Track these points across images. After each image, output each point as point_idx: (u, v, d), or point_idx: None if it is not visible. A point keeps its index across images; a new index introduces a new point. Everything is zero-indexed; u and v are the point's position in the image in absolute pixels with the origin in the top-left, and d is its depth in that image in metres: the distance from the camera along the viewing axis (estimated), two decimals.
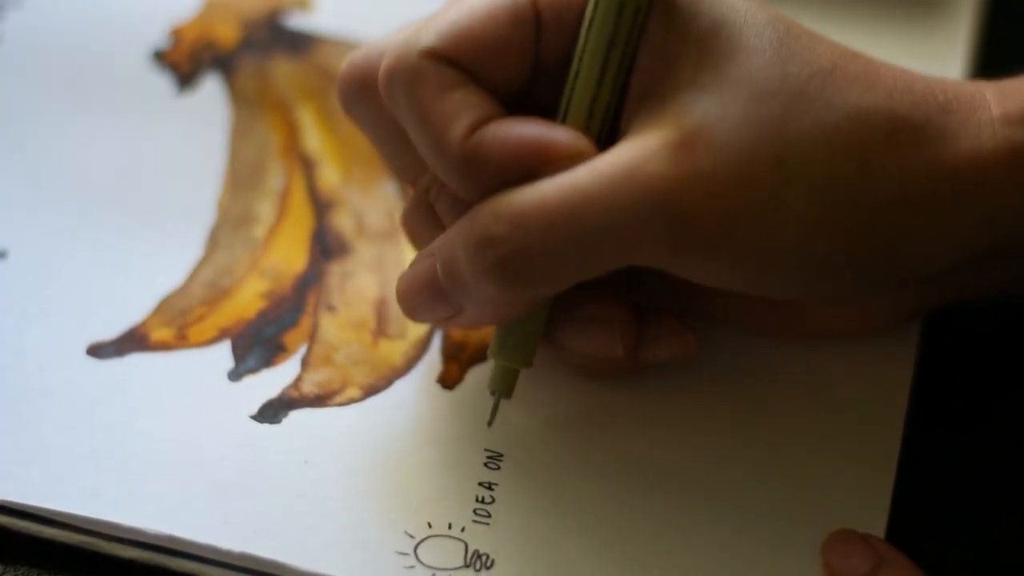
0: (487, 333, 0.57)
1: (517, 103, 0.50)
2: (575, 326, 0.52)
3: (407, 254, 0.60)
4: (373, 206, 0.62)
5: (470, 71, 0.49)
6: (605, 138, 0.50)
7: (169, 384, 0.55)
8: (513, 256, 0.47)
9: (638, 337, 0.52)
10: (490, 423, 0.53)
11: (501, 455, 0.53)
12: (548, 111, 0.50)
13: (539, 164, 0.48)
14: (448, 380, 0.56)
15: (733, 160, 0.46)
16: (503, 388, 0.52)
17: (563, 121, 0.50)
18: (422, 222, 0.53)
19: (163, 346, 0.56)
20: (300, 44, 0.67)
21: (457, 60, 0.49)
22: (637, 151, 0.47)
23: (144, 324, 0.57)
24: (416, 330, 0.57)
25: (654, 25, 0.49)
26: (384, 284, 0.59)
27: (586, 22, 0.49)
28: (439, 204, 0.52)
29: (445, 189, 0.51)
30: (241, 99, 0.65)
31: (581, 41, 0.49)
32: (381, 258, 0.60)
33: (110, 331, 0.57)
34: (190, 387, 0.55)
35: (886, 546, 0.51)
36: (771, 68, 0.48)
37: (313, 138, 0.64)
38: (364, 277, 0.59)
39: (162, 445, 0.53)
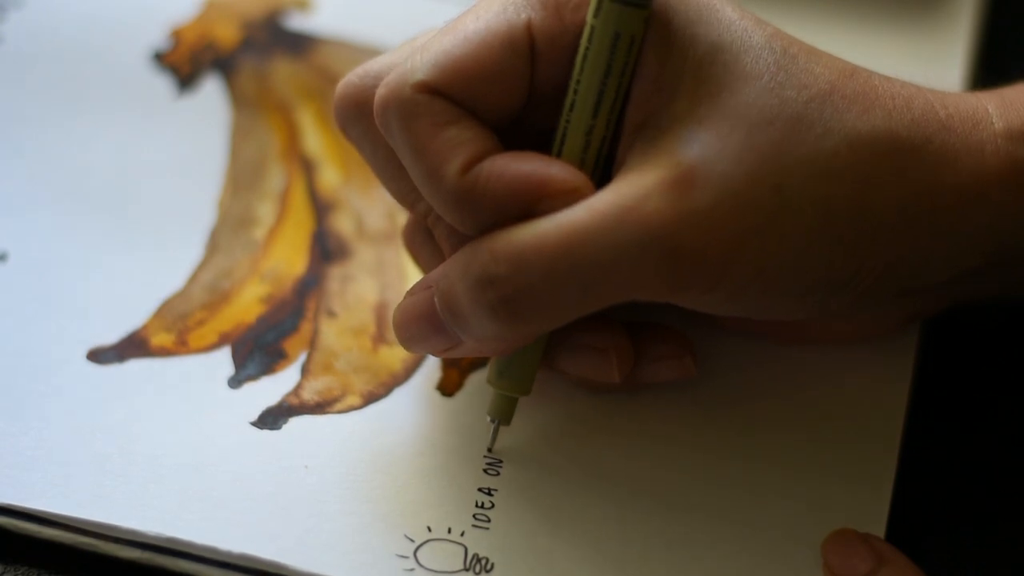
0: None
1: (512, 129, 0.50)
2: (572, 354, 0.52)
3: (407, 257, 0.59)
4: (373, 207, 0.62)
5: (465, 102, 0.48)
6: (601, 168, 0.49)
7: (169, 390, 0.55)
8: (514, 296, 0.47)
9: (637, 358, 0.52)
10: (490, 448, 0.53)
11: (500, 461, 0.53)
12: (544, 136, 0.50)
13: (535, 200, 0.47)
14: (447, 387, 0.56)
15: (731, 194, 0.46)
16: (502, 415, 0.52)
17: (558, 152, 0.49)
18: (421, 244, 0.53)
19: (163, 351, 0.56)
20: (300, 45, 0.67)
21: (451, 92, 0.48)
22: (634, 189, 0.47)
23: (144, 328, 0.57)
24: None
25: (650, 53, 0.48)
26: (384, 288, 0.59)
27: (581, 51, 0.49)
28: (437, 230, 0.51)
29: (443, 219, 0.50)
30: (241, 100, 0.65)
31: (576, 70, 0.49)
32: (381, 261, 0.60)
33: (110, 334, 0.56)
34: (190, 393, 0.55)
35: (886, 546, 0.51)
36: (768, 95, 0.47)
37: (313, 139, 0.64)
38: (364, 281, 0.59)
39: (163, 451, 0.53)
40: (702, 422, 0.54)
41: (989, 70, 0.67)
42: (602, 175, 0.49)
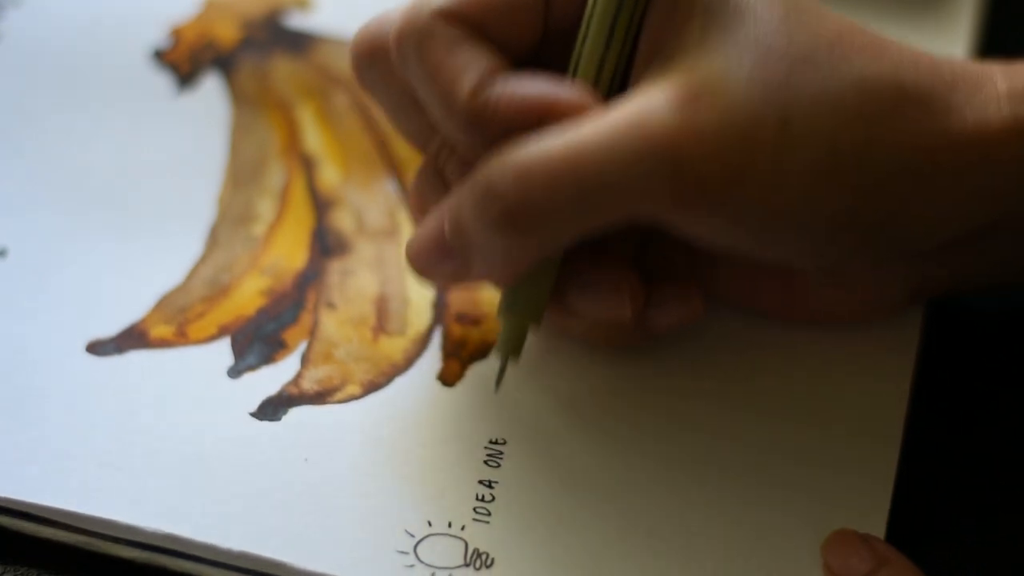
0: (488, 331, 0.56)
1: (527, 66, 0.50)
2: (584, 289, 0.51)
3: None
4: (373, 205, 0.61)
5: (481, 30, 0.49)
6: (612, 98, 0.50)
7: (169, 381, 0.55)
8: (517, 208, 0.47)
9: (645, 301, 0.52)
10: (497, 387, 0.53)
11: (502, 453, 0.53)
12: (558, 75, 0.50)
13: (546, 118, 0.48)
14: (448, 377, 0.55)
15: (738, 119, 0.46)
16: (512, 347, 0.52)
17: (571, 79, 0.50)
18: (430, 188, 0.53)
19: (163, 343, 0.56)
20: (300, 44, 0.67)
21: (468, 19, 0.49)
22: (641, 105, 0.47)
23: (144, 321, 0.56)
24: (416, 327, 0.57)
25: None
26: (384, 282, 0.58)
27: None
28: (448, 167, 0.52)
29: (454, 153, 0.51)
30: (241, 98, 0.65)
31: (590, 4, 0.50)
32: (381, 256, 0.59)
33: (110, 328, 0.56)
34: (190, 384, 0.55)
35: (886, 546, 0.50)
36: (778, 34, 0.48)
37: (313, 137, 0.64)
38: (364, 275, 0.59)
39: (162, 442, 0.53)
40: (702, 419, 0.54)
41: None
42: None
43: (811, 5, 0.49)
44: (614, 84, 0.50)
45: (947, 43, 0.68)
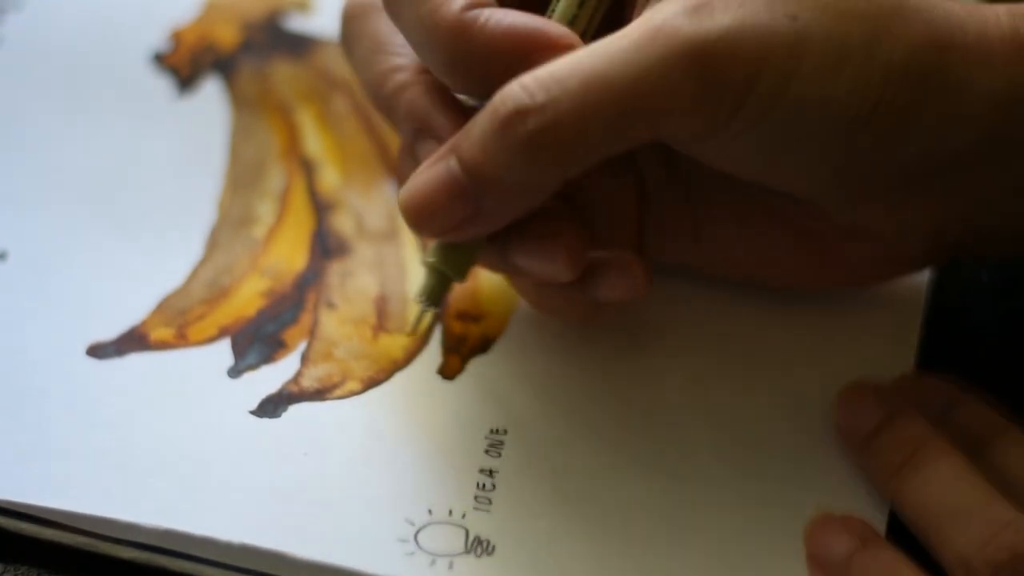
0: (488, 327, 0.56)
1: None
2: (522, 243, 0.51)
3: (408, 254, 0.59)
4: (373, 207, 0.61)
5: None
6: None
7: (169, 382, 0.54)
8: (549, 125, 0.46)
9: (589, 272, 0.52)
10: (412, 331, 0.52)
11: (502, 442, 0.53)
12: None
13: (531, 51, 0.48)
14: (449, 371, 0.55)
15: (750, 16, 0.47)
16: (432, 299, 0.51)
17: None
18: (412, 166, 0.52)
19: (163, 345, 0.56)
20: (300, 46, 0.67)
21: None
22: (657, 15, 0.47)
23: (144, 324, 0.56)
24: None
25: None
26: (384, 282, 0.58)
27: None
28: (399, 111, 0.51)
29: (405, 93, 0.51)
30: (241, 101, 0.65)
31: None
32: (381, 258, 0.59)
33: (110, 331, 0.56)
34: (190, 385, 0.54)
35: (866, 527, 0.50)
36: None
37: (313, 140, 0.64)
38: (364, 276, 0.58)
39: (162, 443, 0.52)
40: (701, 411, 0.54)
41: None
42: None
43: None
44: (589, 30, 0.50)
45: None
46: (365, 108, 0.64)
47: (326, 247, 0.59)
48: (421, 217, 0.49)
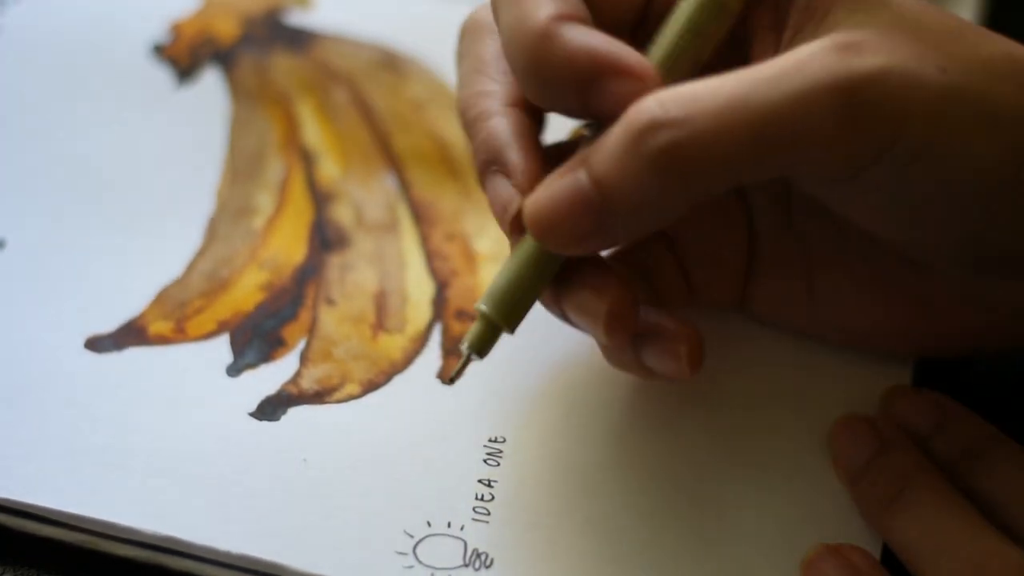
0: None
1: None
2: (575, 291, 0.49)
3: (407, 247, 0.59)
4: (372, 199, 0.60)
5: None
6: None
7: (167, 379, 0.54)
8: (685, 143, 0.44)
9: (640, 337, 0.50)
10: (453, 380, 0.50)
11: (501, 451, 0.52)
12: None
13: (606, 73, 0.46)
14: (448, 376, 0.54)
15: (900, 62, 0.45)
16: (480, 347, 0.49)
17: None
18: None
19: (161, 339, 0.55)
20: (299, 41, 0.67)
21: None
22: (804, 49, 0.45)
23: (142, 316, 0.55)
24: (415, 324, 0.56)
25: None
26: (383, 277, 0.57)
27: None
28: (476, 138, 0.50)
29: (485, 123, 0.49)
30: (240, 92, 0.64)
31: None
32: (380, 251, 0.58)
33: (108, 323, 0.55)
34: (188, 382, 0.53)
35: (893, 430, 0.50)
36: (925, 14, 0.47)
37: (312, 131, 0.63)
38: (363, 270, 0.58)
39: (161, 442, 0.51)
40: (703, 422, 0.53)
41: None
42: None
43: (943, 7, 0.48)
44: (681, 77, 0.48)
45: None
46: (364, 100, 0.64)
47: (325, 238, 0.59)
48: (545, 228, 0.47)
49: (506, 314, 0.48)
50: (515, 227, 0.48)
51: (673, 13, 0.48)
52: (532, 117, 0.49)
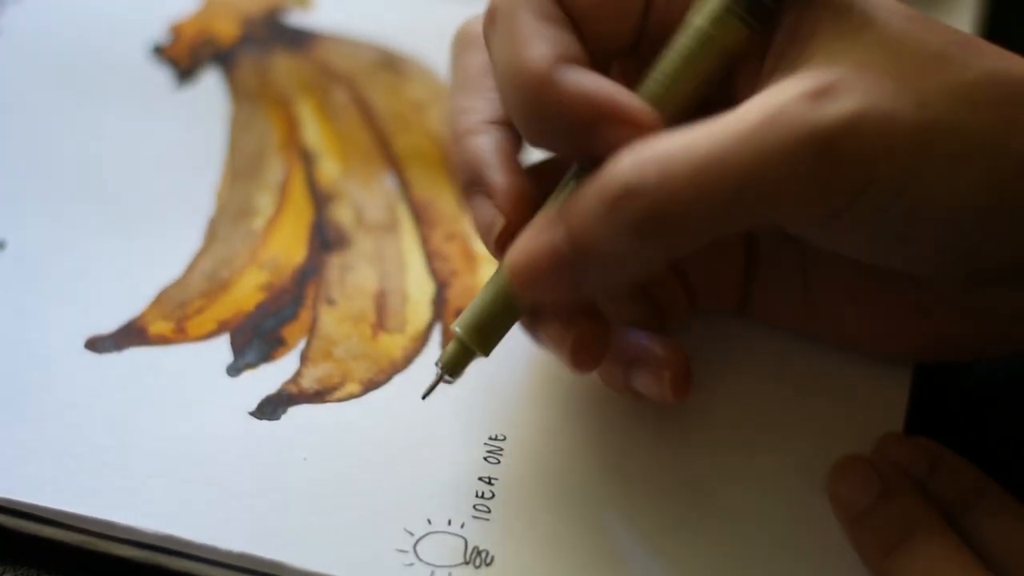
0: None
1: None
2: (549, 324, 0.49)
3: (407, 247, 0.59)
4: (373, 199, 0.60)
5: (578, 14, 0.47)
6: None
7: (168, 379, 0.54)
8: (660, 207, 0.44)
9: (629, 361, 0.50)
10: (425, 397, 0.50)
11: (501, 449, 0.52)
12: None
13: (606, 120, 0.45)
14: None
15: (875, 102, 0.44)
16: (453, 368, 0.49)
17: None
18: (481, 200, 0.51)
19: (162, 340, 0.55)
20: (299, 41, 0.67)
21: (565, 2, 0.47)
22: (777, 98, 0.44)
23: (142, 317, 0.55)
24: (415, 324, 0.56)
25: (787, 12, 0.47)
26: (383, 277, 0.57)
27: (680, 46, 0.47)
28: (462, 154, 0.49)
29: (471, 139, 0.49)
30: (241, 93, 0.64)
31: (679, 33, 0.48)
32: (381, 251, 0.58)
33: (109, 323, 0.55)
34: (189, 382, 0.54)
35: (896, 473, 0.50)
36: (906, 36, 0.46)
37: (313, 132, 0.63)
38: (363, 270, 0.58)
39: (161, 442, 0.52)
40: (703, 425, 0.53)
41: None
42: None
43: (933, 18, 0.48)
44: (667, 111, 0.47)
45: None
46: (364, 100, 0.64)
47: (325, 239, 0.59)
48: (525, 283, 0.47)
49: (481, 340, 0.49)
50: (498, 249, 0.48)
51: (669, 48, 0.47)
52: (515, 135, 0.49)
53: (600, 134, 0.45)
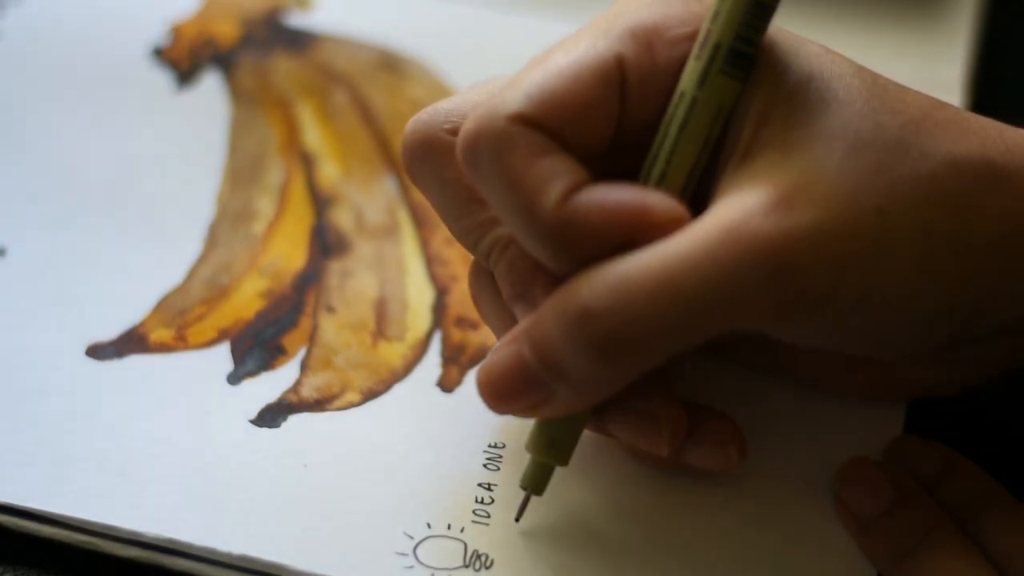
0: (488, 335, 0.56)
1: (594, 166, 0.48)
2: (624, 417, 0.49)
3: (407, 252, 0.59)
4: (373, 202, 0.61)
5: (558, 135, 0.46)
6: (690, 199, 0.48)
7: (168, 387, 0.54)
8: (618, 330, 0.44)
9: (685, 435, 0.50)
10: (517, 518, 0.51)
11: (501, 456, 0.52)
12: (625, 177, 0.48)
13: (637, 230, 0.45)
14: (448, 384, 0.55)
15: (834, 213, 0.44)
16: (536, 485, 0.50)
17: (655, 186, 0.47)
18: (481, 289, 0.51)
19: (162, 347, 0.55)
20: (300, 42, 0.67)
21: (546, 124, 0.46)
22: (734, 212, 0.44)
23: (143, 324, 0.56)
24: (415, 332, 0.56)
25: (749, 88, 0.47)
26: (383, 283, 0.58)
27: (675, 114, 0.47)
28: (499, 267, 0.49)
29: (505, 253, 0.49)
30: (240, 95, 0.64)
31: (671, 109, 0.47)
32: (381, 256, 0.59)
33: (109, 330, 0.55)
34: (189, 390, 0.54)
35: (908, 479, 0.50)
36: (863, 119, 0.46)
37: (313, 134, 0.63)
38: (363, 276, 0.58)
39: (162, 448, 0.52)
40: None
41: (989, 70, 0.66)
42: (692, 208, 0.47)
43: (889, 82, 0.47)
44: (689, 186, 0.47)
45: (947, 43, 0.67)
46: (365, 102, 0.64)
47: (325, 243, 0.59)
48: (496, 398, 0.47)
49: (557, 454, 0.49)
50: None
51: (668, 126, 0.47)
52: None
53: (639, 242, 0.45)
